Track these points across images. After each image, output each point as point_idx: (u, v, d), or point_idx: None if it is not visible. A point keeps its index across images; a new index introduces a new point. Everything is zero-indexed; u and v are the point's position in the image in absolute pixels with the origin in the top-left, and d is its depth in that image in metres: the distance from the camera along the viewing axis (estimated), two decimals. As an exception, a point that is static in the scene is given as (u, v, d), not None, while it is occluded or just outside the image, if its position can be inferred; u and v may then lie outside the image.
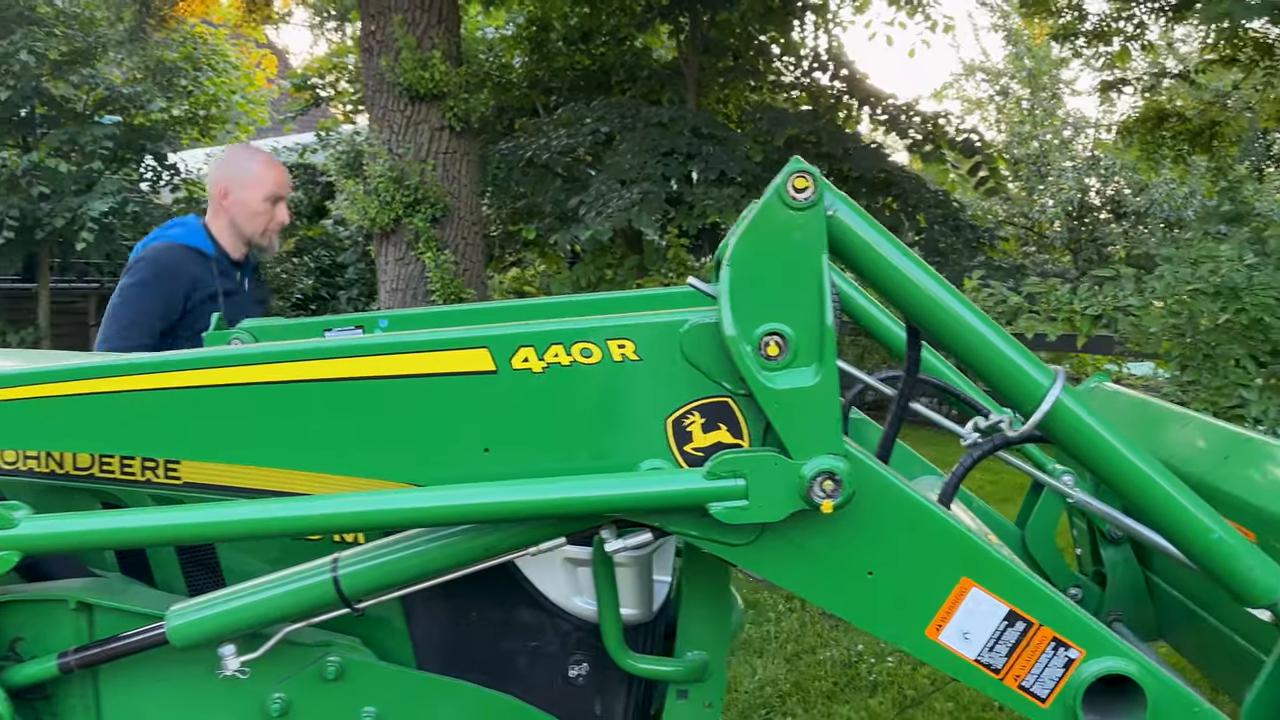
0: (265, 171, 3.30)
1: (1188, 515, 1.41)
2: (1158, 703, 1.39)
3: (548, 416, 1.41)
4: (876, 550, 1.41)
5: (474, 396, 1.40)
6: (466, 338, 1.40)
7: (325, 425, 1.41)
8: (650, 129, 8.09)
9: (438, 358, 1.39)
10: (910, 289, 1.39)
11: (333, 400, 1.41)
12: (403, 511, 1.39)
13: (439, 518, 1.41)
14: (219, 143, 14.04)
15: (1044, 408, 1.38)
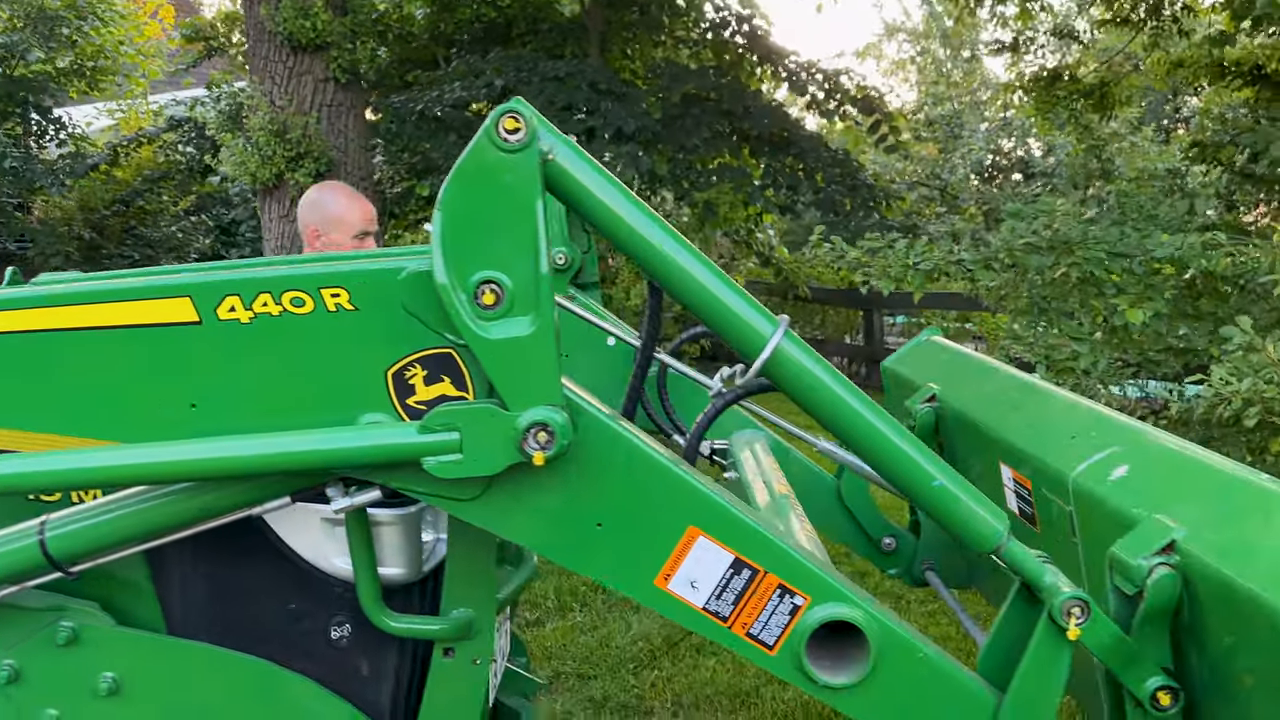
0: (349, 211, 3.36)
1: (911, 463, 1.41)
2: (880, 647, 1.41)
3: (258, 370, 1.35)
4: (605, 502, 1.39)
5: (177, 349, 1.34)
6: (166, 285, 1.33)
7: (20, 380, 1.34)
8: (547, 83, 7.95)
9: (135, 308, 1.32)
10: (633, 237, 1.36)
11: (27, 353, 1.33)
12: (99, 470, 1.32)
13: (140, 476, 1.35)
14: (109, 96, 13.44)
15: (764, 355, 1.36)
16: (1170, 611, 1.39)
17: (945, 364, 2.69)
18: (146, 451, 1.34)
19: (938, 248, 3.23)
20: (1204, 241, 2.86)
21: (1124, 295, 3.02)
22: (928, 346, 2.91)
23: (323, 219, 3.36)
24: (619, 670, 4.27)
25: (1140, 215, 3.26)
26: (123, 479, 1.35)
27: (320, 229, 3.37)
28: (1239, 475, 1.43)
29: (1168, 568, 1.37)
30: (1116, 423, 1.80)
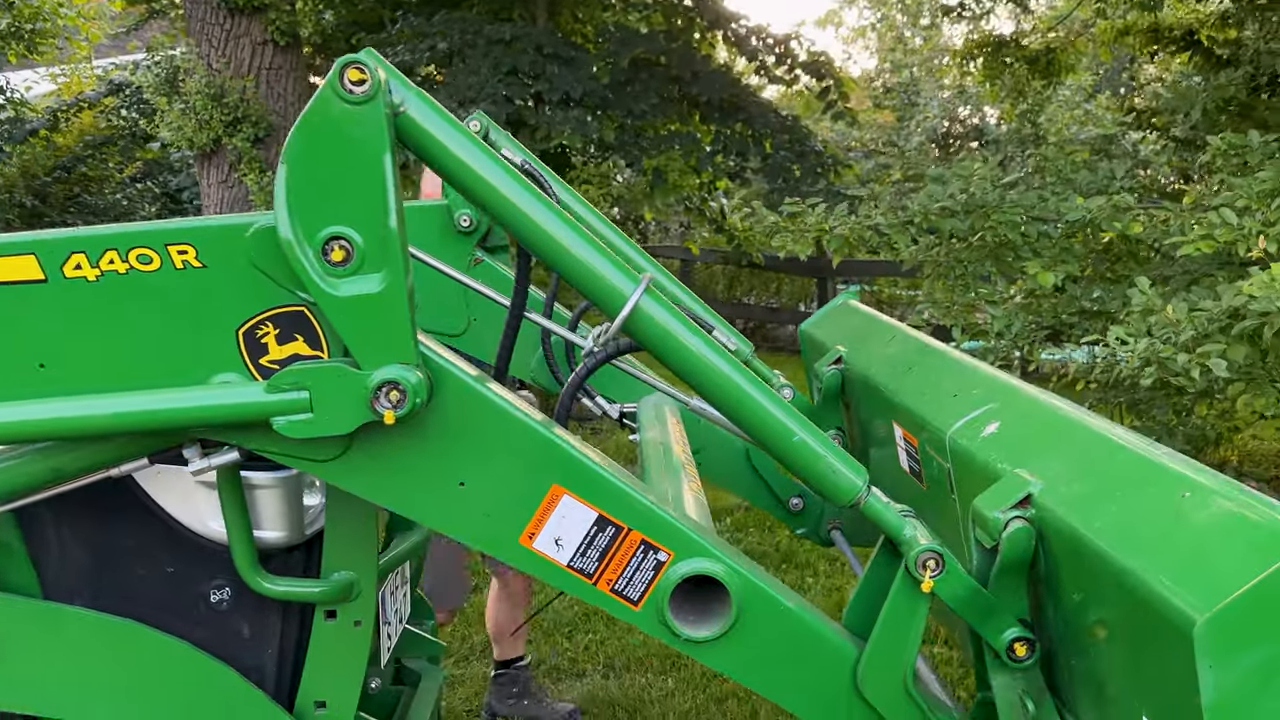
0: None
1: (772, 419, 1.42)
2: (742, 601, 1.42)
3: (107, 329, 1.32)
4: (467, 461, 1.38)
5: (23, 308, 1.30)
6: (10, 243, 1.30)
7: None
8: (493, 46, 7.83)
9: (-28, 265, 1.29)
10: (490, 193, 1.34)
11: None
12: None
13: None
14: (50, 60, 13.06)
15: (624, 313, 1.36)
16: (1025, 564, 1.41)
17: (855, 327, 2.70)
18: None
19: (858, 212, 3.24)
20: (1114, 204, 2.90)
21: (1037, 259, 3.05)
22: (842, 310, 2.93)
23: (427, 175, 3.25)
24: (553, 634, 4.30)
25: (1059, 179, 3.29)
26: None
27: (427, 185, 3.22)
28: (1099, 432, 1.45)
29: (1023, 521, 1.39)
30: (997, 382, 1.82)
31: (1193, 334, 2.33)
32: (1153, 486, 1.25)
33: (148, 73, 7.58)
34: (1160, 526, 1.18)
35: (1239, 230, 2.51)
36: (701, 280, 14.46)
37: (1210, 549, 1.09)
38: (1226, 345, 2.29)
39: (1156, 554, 1.13)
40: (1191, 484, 1.20)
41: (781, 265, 12.84)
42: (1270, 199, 2.62)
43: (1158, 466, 1.27)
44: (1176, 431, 4.32)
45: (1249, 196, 2.64)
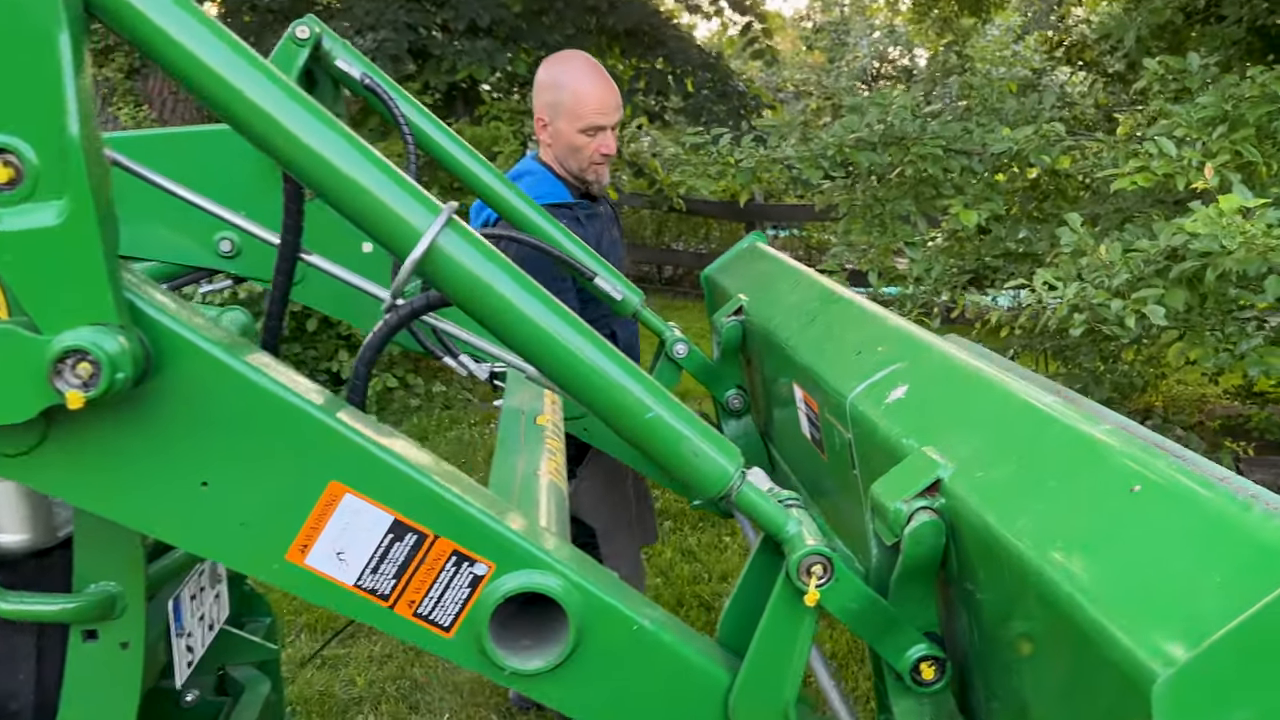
0: (582, 95, 2.67)
1: (620, 391, 1.11)
2: (583, 622, 1.12)
3: None
4: (211, 454, 1.04)
5: None
6: None
7: None
8: (395, -28, 7.28)
9: None
10: (218, 86, 0.98)
11: None
12: None
13: None
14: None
15: (415, 253, 1.02)
16: (933, 566, 1.14)
17: (760, 273, 2.40)
18: None
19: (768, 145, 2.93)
20: (1042, 135, 2.63)
21: (960, 196, 2.77)
22: (749, 253, 2.62)
23: (552, 102, 2.71)
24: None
25: (985, 109, 3.02)
26: None
27: (547, 116, 2.72)
28: (1026, 399, 1.17)
29: (930, 514, 1.11)
30: (909, 336, 1.53)
31: (1127, 277, 2.07)
32: (1092, 474, 0.97)
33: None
34: (1103, 531, 0.89)
35: (1178, 162, 2.25)
36: (629, 225, 14.07)
37: (1173, 569, 0.81)
38: (1164, 290, 2.04)
39: (1098, 571, 0.86)
40: (1143, 475, 0.92)
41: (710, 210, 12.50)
42: (1211, 127, 2.36)
43: (1099, 448, 0.99)
44: (1104, 379, 4.14)
45: (1188, 125, 2.38)
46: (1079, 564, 0.88)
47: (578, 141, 2.71)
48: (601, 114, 2.71)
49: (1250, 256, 1.87)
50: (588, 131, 2.71)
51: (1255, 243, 1.87)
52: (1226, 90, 2.39)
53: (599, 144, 2.72)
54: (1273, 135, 2.45)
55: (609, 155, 2.76)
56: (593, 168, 2.78)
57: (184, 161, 1.78)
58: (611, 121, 2.75)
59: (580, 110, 2.69)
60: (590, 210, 2.84)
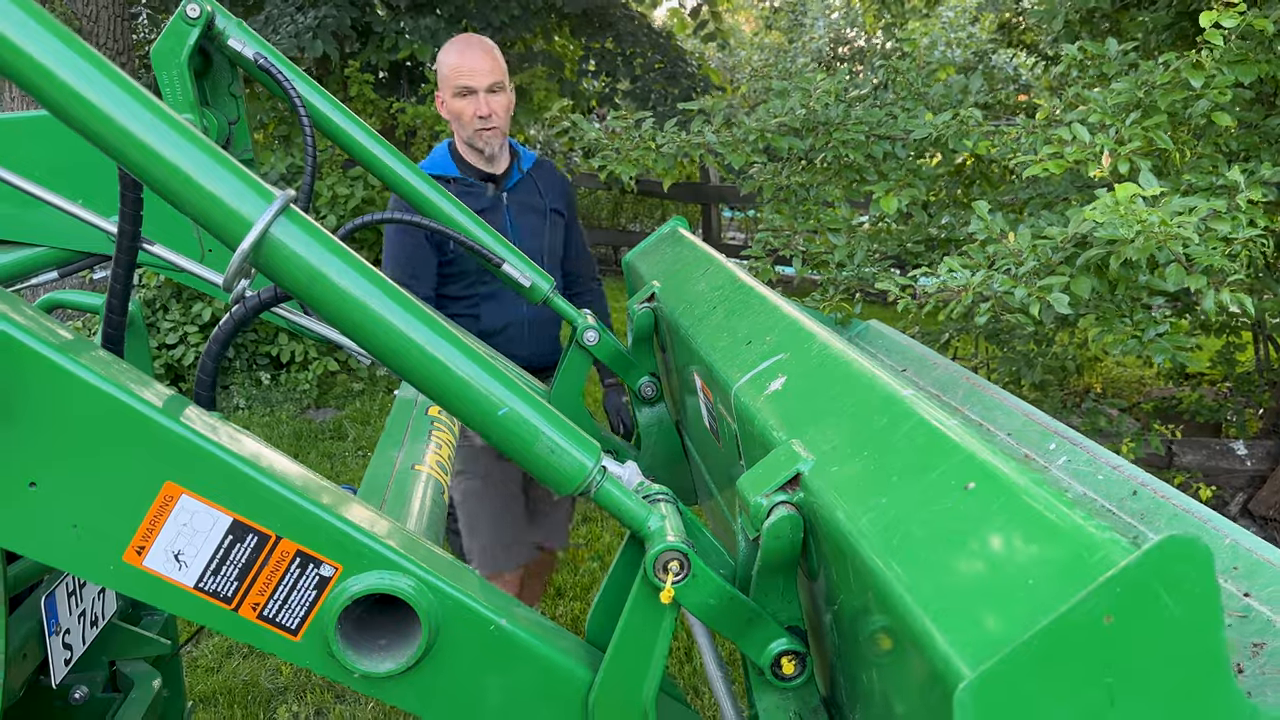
0: (450, 63, 2.83)
1: (469, 389, 1.07)
2: (436, 623, 1.09)
3: None
4: (37, 453, 1.00)
5: None
6: None
7: None
8: (336, -53, 7.12)
9: None
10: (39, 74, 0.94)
11: None
12: None
13: None
14: None
15: (245, 244, 0.98)
16: (792, 561, 1.12)
17: (675, 259, 2.38)
18: None
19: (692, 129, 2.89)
20: (959, 120, 2.62)
21: (883, 182, 2.76)
22: (669, 238, 2.59)
23: (438, 80, 2.90)
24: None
25: (910, 95, 3.00)
26: None
27: (440, 96, 2.89)
28: (891, 392, 1.15)
29: (788, 507, 1.10)
30: (796, 326, 1.51)
31: (1034, 265, 2.07)
32: (934, 471, 0.95)
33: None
34: (933, 529, 0.88)
35: (1091, 149, 2.26)
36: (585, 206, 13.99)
37: (992, 568, 0.80)
38: (1070, 278, 2.05)
39: (923, 570, 0.84)
40: (981, 471, 0.90)
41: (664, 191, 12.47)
42: (1125, 114, 2.37)
43: (944, 443, 0.98)
44: (1036, 362, 4.18)
45: (1103, 111, 2.38)
46: (909, 563, 0.86)
47: (455, 108, 2.83)
48: (468, 76, 2.81)
49: (1148, 245, 1.88)
50: (460, 95, 2.82)
51: (1154, 231, 1.88)
52: (1140, 77, 2.40)
53: (474, 108, 2.81)
54: (1186, 122, 2.46)
55: (486, 119, 2.83)
56: (478, 135, 2.86)
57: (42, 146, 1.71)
58: (481, 84, 2.83)
59: (450, 76, 2.83)
60: (470, 188, 2.89)
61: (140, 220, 1.17)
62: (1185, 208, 1.96)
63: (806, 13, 16.23)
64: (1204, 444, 4.88)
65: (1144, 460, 4.07)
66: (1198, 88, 2.26)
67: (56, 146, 1.69)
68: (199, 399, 1.14)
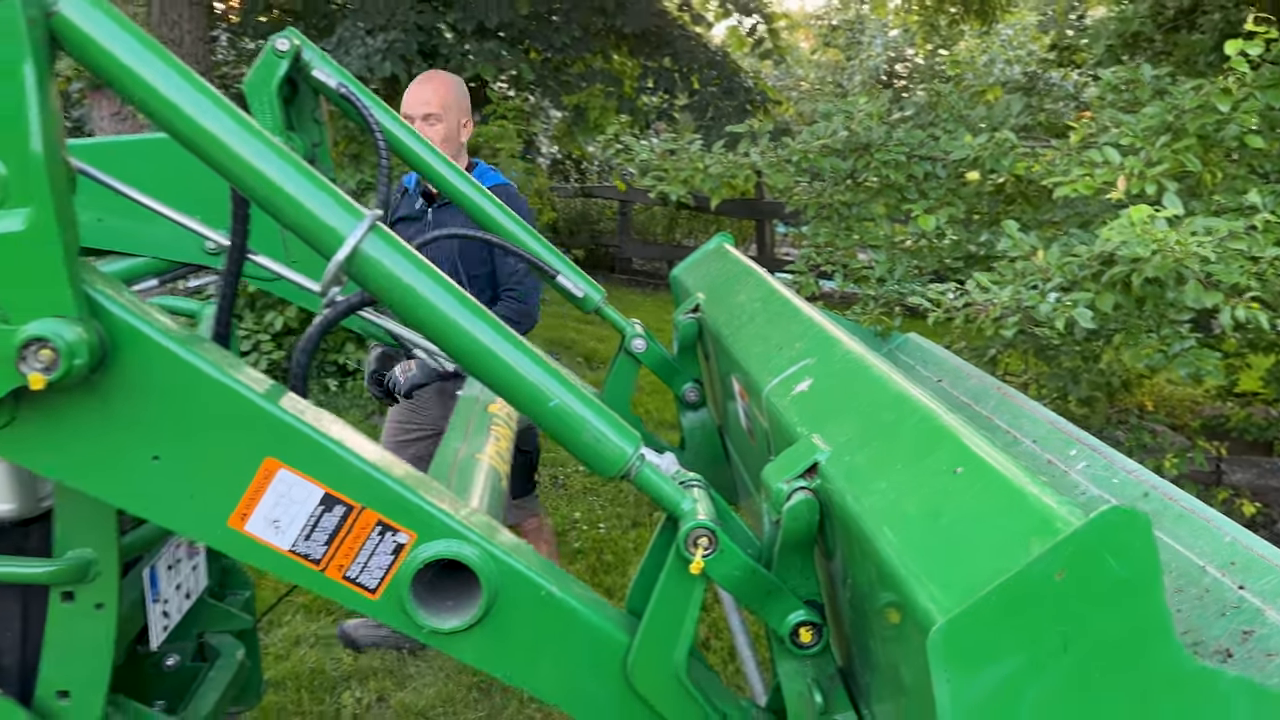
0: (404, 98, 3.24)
1: (525, 382, 1.23)
2: (496, 587, 1.25)
3: None
4: (160, 431, 1.18)
5: None
6: None
7: None
8: (404, -28, 7.43)
9: None
10: (169, 109, 1.13)
11: None
12: None
13: None
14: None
15: (339, 256, 1.15)
16: (809, 540, 1.26)
17: (718, 273, 2.52)
18: None
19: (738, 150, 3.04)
20: (996, 142, 2.73)
21: (924, 200, 2.88)
22: (713, 254, 2.74)
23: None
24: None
25: (952, 117, 3.11)
26: None
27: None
28: (899, 391, 1.29)
29: (806, 492, 1.23)
30: (823, 334, 1.65)
31: (1061, 281, 2.18)
32: (930, 458, 1.09)
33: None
34: (923, 506, 1.02)
35: (1120, 170, 2.35)
36: (640, 222, 14.21)
37: (966, 536, 0.93)
38: (1095, 293, 2.15)
39: (911, 539, 0.98)
40: (969, 458, 1.03)
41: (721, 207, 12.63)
42: (1155, 137, 2.46)
43: (942, 434, 1.11)
44: (1081, 377, 4.23)
45: (1134, 134, 2.48)
46: (901, 534, 1.00)
47: None
48: (408, 105, 3.20)
49: (1166, 263, 1.97)
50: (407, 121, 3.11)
51: (1170, 249, 1.98)
52: (1170, 101, 2.49)
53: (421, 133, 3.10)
54: (1219, 145, 2.54)
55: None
56: None
57: (151, 166, 1.91)
58: (417, 113, 3.20)
59: (402, 105, 3.21)
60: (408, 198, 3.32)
61: (248, 233, 1.35)
62: (1205, 228, 2.05)
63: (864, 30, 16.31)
64: (1254, 462, 4.87)
65: (1189, 476, 4.09)
66: (1225, 111, 2.35)
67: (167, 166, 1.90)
68: (293, 387, 1.31)
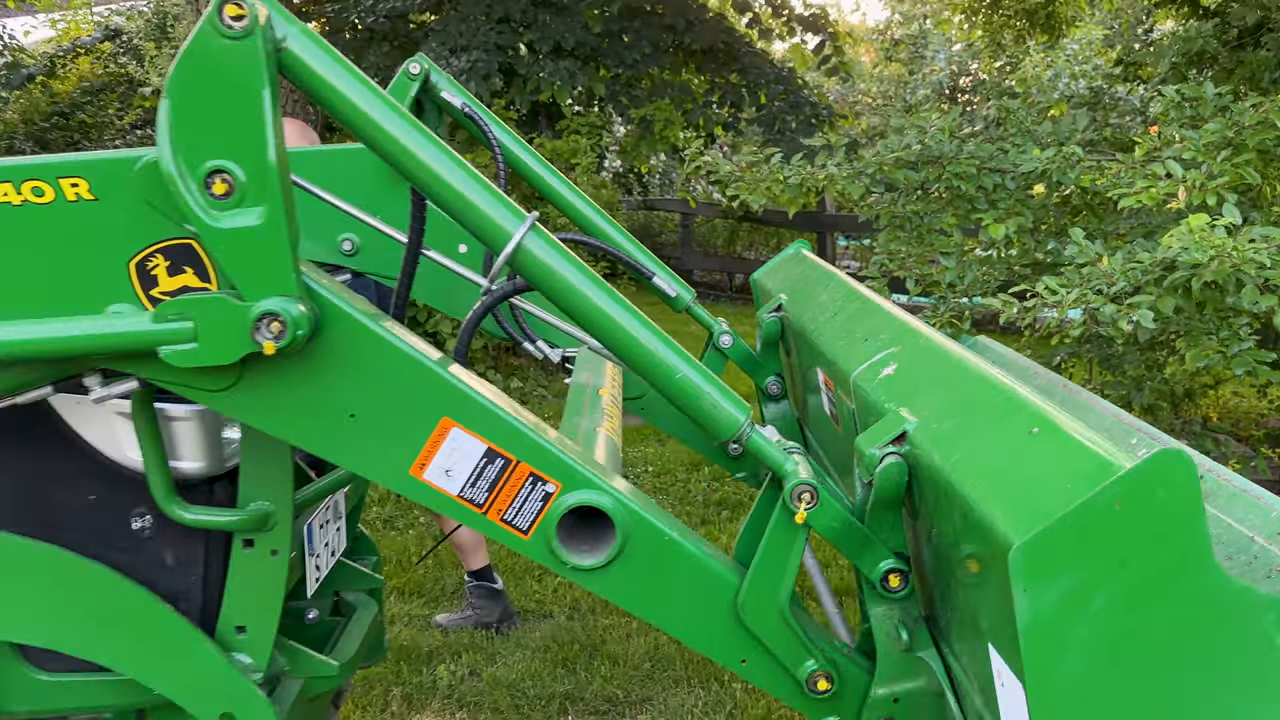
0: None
1: (656, 359, 1.45)
2: (626, 531, 1.47)
3: (3, 258, 1.36)
4: (357, 393, 1.42)
5: (-82, 238, 1.35)
6: (-98, 175, 1.34)
7: None
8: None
9: None
10: (376, 130, 1.37)
11: None
12: None
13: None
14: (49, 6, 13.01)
15: (506, 251, 1.39)
16: (898, 498, 1.45)
17: (799, 276, 2.73)
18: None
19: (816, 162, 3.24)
20: (1062, 156, 2.89)
21: (993, 210, 3.05)
22: (792, 259, 2.95)
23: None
24: (523, 576, 4.39)
25: (1020, 131, 3.27)
26: None
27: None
28: (976, 370, 1.48)
29: (896, 456, 1.43)
30: (906, 327, 1.84)
31: (1125, 286, 2.34)
32: (1006, 422, 1.28)
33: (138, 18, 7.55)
34: (1004, 459, 1.21)
35: (1181, 182, 2.51)
36: (702, 234, 14.42)
37: (1041, 480, 1.12)
38: (1158, 297, 2.31)
39: (994, 484, 1.17)
40: (1041, 420, 1.23)
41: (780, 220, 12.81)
42: (1216, 151, 2.61)
43: (1015, 403, 1.30)
44: (1145, 385, 4.33)
45: (1196, 149, 2.63)
46: (984, 483, 1.19)
47: None
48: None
49: (1223, 268, 2.13)
50: None
51: (1227, 255, 2.13)
52: (1231, 119, 2.64)
53: None
54: (1277, 159, 2.68)
55: None
56: None
57: (331, 173, 2.18)
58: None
59: None
60: None
61: (424, 231, 1.59)
62: (1262, 236, 2.21)
63: (928, 45, 16.36)
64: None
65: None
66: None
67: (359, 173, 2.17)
68: (457, 359, 1.55)
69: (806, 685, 1.51)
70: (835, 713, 1.53)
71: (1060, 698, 1.07)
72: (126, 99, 11.99)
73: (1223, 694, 1.07)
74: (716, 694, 3.40)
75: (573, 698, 3.39)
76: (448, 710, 3.30)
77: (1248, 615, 1.05)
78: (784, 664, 1.50)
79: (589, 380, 2.22)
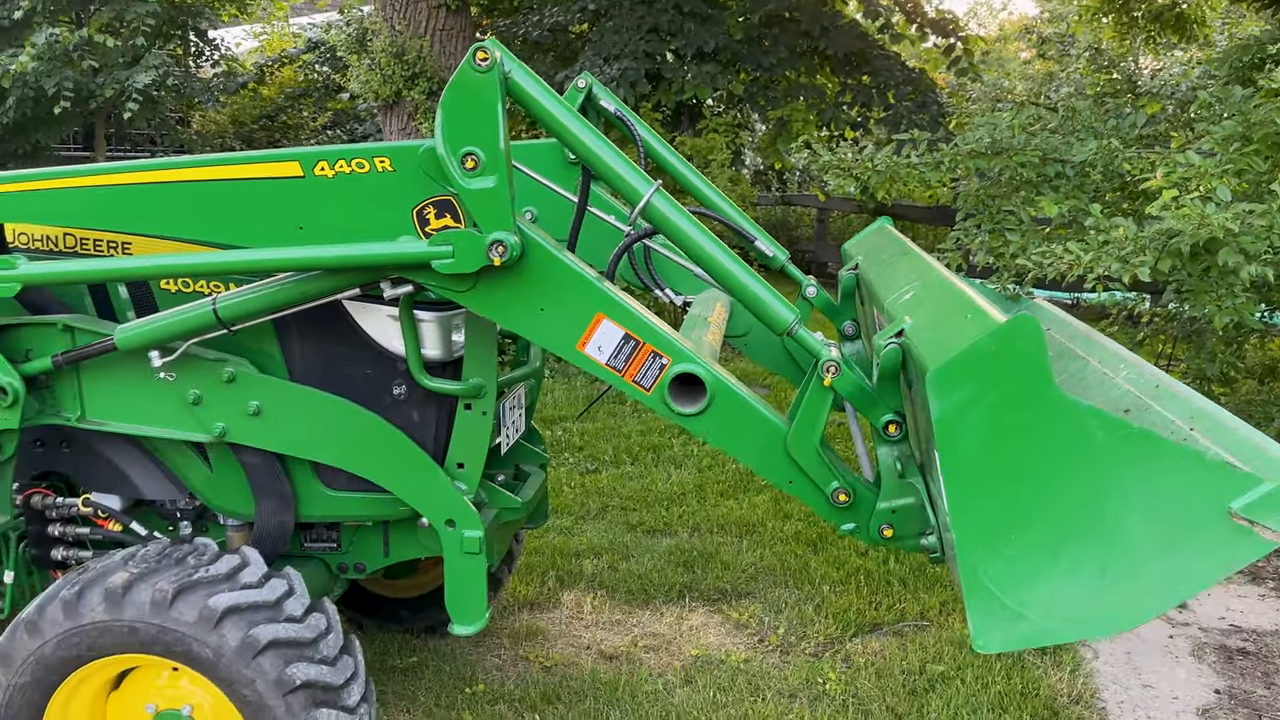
0: None
1: (732, 274, 2.22)
2: (713, 390, 2.24)
3: (338, 205, 2.26)
4: (544, 294, 2.25)
5: (290, 192, 2.26)
6: (284, 154, 2.25)
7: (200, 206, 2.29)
8: (636, 5, 8.64)
9: (266, 166, 2.25)
10: (563, 130, 2.20)
11: (205, 193, 2.28)
12: (248, 263, 2.27)
13: (269, 268, 2.30)
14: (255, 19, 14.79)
15: (640, 205, 2.19)
16: (895, 372, 2.17)
17: (877, 244, 3.42)
18: (269, 253, 2.27)
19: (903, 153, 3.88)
20: (1103, 148, 3.45)
21: (1053, 194, 3.65)
22: (876, 232, 3.64)
23: None
24: (654, 505, 5.20)
25: (1083, 126, 3.83)
26: (259, 268, 2.30)
27: None
28: (959, 291, 2.18)
29: (894, 344, 2.15)
30: (932, 272, 2.54)
31: (1133, 249, 2.94)
32: (958, 315, 1.99)
33: (340, 32, 8.79)
34: (945, 334, 1.92)
35: (1194, 169, 3.08)
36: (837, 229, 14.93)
37: (956, 337, 1.83)
38: (1156, 258, 2.90)
39: (936, 345, 1.89)
40: (976, 310, 1.93)
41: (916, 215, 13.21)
42: (1230, 144, 3.15)
43: (968, 306, 2.01)
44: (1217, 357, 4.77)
45: (1215, 141, 3.18)
46: (930, 346, 1.91)
47: None
48: None
49: (1200, 234, 2.70)
50: None
51: (1208, 222, 2.71)
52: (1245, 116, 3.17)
53: None
54: None
55: None
56: None
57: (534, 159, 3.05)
58: None
59: None
60: None
61: (588, 197, 2.42)
62: (1246, 210, 2.78)
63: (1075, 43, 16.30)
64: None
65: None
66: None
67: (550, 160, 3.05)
68: (609, 277, 2.35)
69: (832, 498, 2.24)
70: (854, 519, 2.26)
71: (960, 469, 1.78)
72: (321, 104, 13.56)
73: (1064, 469, 1.75)
74: (808, 591, 4.12)
75: (690, 588, 4.18)
76: (591, 589, 4.15)
77: (1076, 418, 1.73)
78: (817, 483, 2.24)
79: (701, 313, 3.00)
